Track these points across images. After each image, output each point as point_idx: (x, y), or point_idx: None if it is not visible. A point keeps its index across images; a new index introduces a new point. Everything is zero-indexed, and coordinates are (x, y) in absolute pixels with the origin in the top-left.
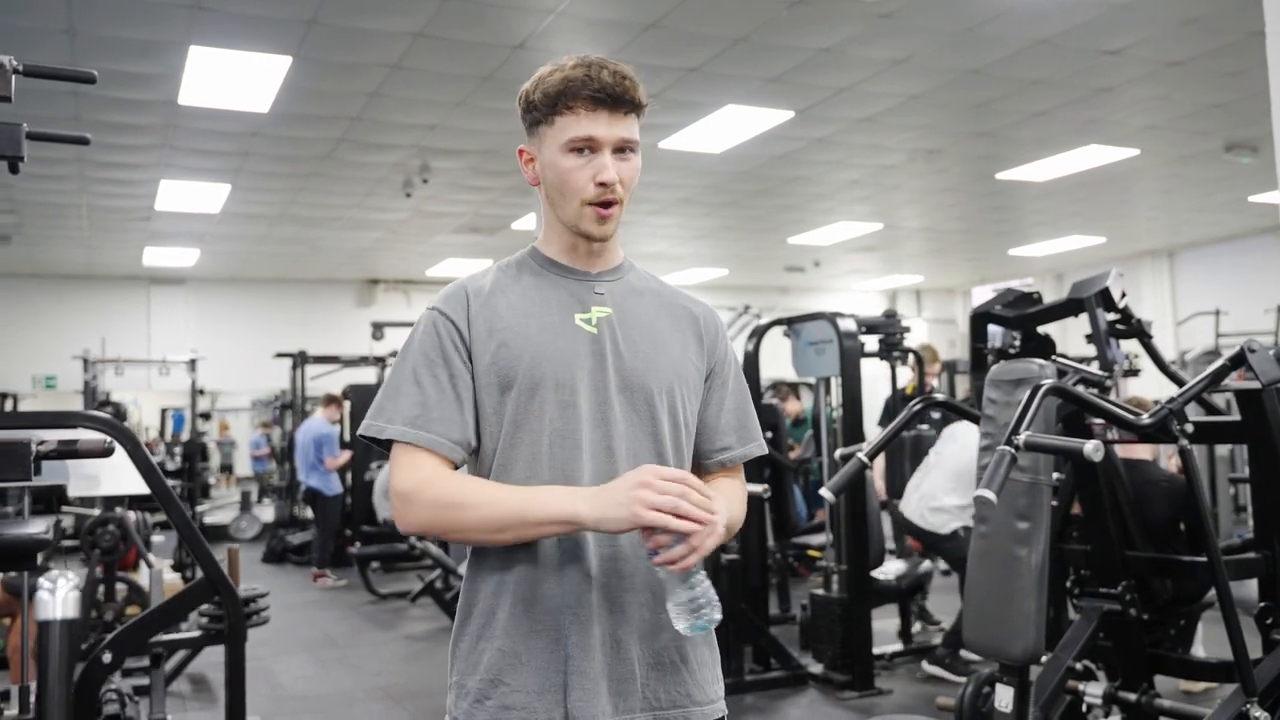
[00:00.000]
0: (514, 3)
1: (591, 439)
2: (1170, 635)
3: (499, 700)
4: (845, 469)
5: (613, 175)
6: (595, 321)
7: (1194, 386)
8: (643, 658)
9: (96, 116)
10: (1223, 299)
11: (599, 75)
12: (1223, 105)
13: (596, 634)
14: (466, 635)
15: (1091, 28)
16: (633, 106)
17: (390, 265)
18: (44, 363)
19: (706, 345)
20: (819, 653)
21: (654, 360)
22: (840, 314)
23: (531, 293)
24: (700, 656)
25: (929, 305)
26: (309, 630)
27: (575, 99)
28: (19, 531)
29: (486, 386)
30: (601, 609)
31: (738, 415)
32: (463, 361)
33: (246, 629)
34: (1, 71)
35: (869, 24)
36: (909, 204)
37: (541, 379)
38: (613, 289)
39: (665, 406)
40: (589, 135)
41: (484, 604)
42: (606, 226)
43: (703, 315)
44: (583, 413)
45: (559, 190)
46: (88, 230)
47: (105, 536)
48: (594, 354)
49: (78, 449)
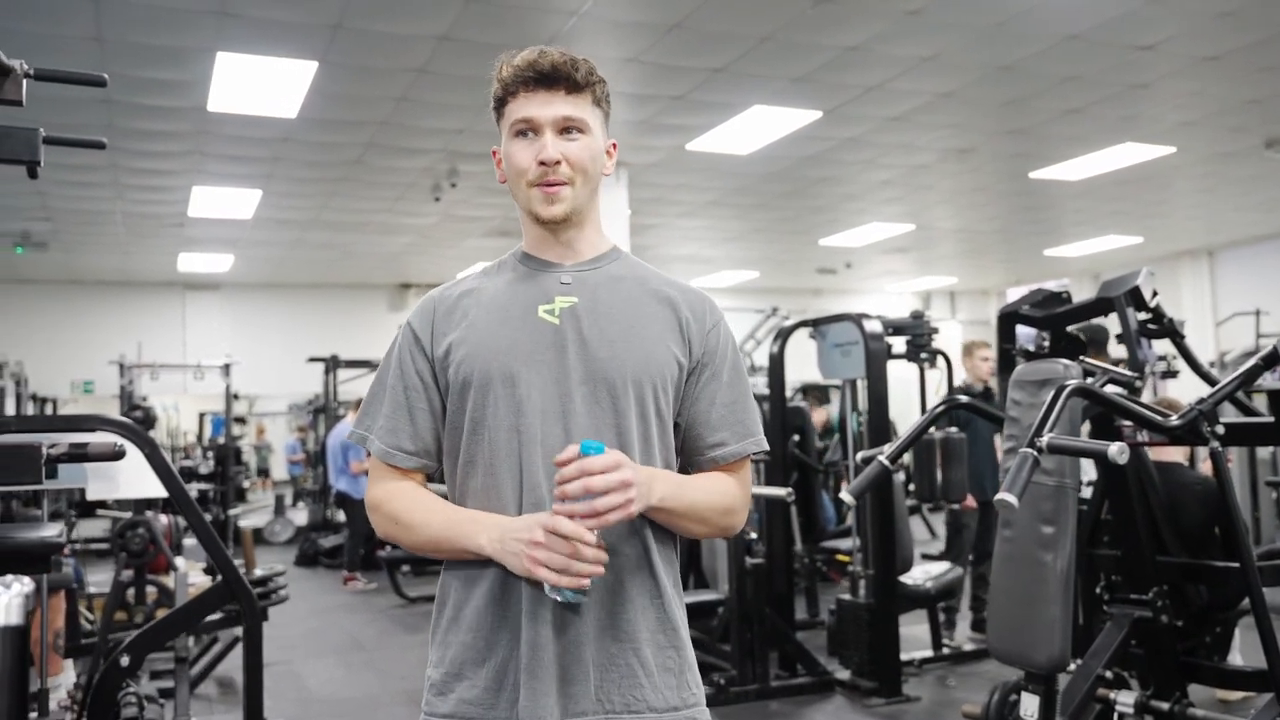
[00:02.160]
0: (537, 4)
1: (547, 433)
2: (1205, 643)
3: (459, 694)
4: (867, 472)
5: (552, 153)
6: (558, 312)
7: (1225, 387)
8: (597, 659)
9: (128, 124)
10: (1263, 299)
11: (535, 59)
12: (1260, 101)
13: (550, 634)
14: (439, 628)
15: (1124, 22)
16: (572, 85)
17: (422, 269)
18: (82, 368)
19: (693, 334)
20: (846, 659)
21: (622, 350)
22: (866, 315)
23: (503, 289)
24: (664, 662)
25: (963, 307)
26: (337, 634)
27: (515, 84)
28: (31, 535)
29: (450, 388)
30: (557, 610)
31: (732, 410)
32: (418, 373)
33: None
34: (12, 76)
35: (897, 21)
36: (941, 204)
37: (492, 375)
38: (585, 278)
39: (633, 398)
40: (526, 116)
41: (454, 598)
42: (555, 207)
43: (689, 304)
44: (536, 406)
45: (511, 178)
46: (123, 236)
47: (135, 540)
48: (554, 345)
49: (88, 452)
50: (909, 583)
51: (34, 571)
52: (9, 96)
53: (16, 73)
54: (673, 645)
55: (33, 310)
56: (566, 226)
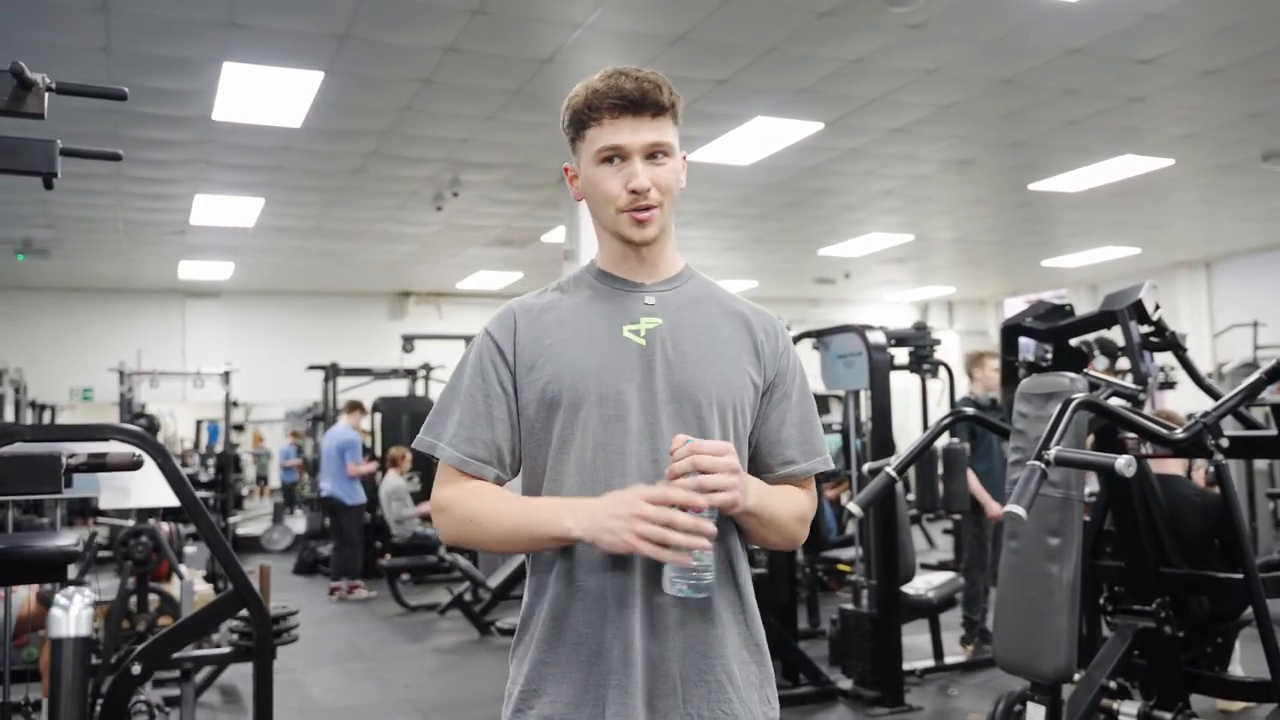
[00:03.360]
0: (543, 16)
1: (638, 452)
2: (1207, 653)
3: (539, 710)
4: (873, 483)
5: (643, 181)
6: (644, 333)
7: (1230, 400)
8: (685, 675)
9: (132, 133)
10: (1261, 310)
11: (619, 83)
12: (1260, 114)
13: (638, 649)
14: (522, 643)
15: (1125, 36)
16: (658, 109)
17: (422, 278)
18: (81, 375)
19: (766, 356)
20: (848, 668)
21: (705, 371)
22: (869, 326)
23: (583, 306)
24: (748, 676)
25: (961, 317)
26: (338, 642)
27: (599, 110)
28: (50, 544)
29: (535, 403)
30: (644, 624)
31: (801, 429)
32: (500, 383)
33: (273, 635)
34: (35, 89)
35: (899, 34)
36: (940, 215)
37: (585, 394)
38: (666, 298)
39: (716, 418)
40: (614, 144)
41: (539, 613)
42: (646, 230)
43: (762, 326)
44: (629, 426)
45: (597, 201)
46: (124, 244)
47: (138, 548)
48: (642, 366)
49: (107, 462)
50: (911, 593)
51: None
52: (31, 110)
53: (39, 87)
54: (755, 661)
55: (33, 317)
56: (651, 247)
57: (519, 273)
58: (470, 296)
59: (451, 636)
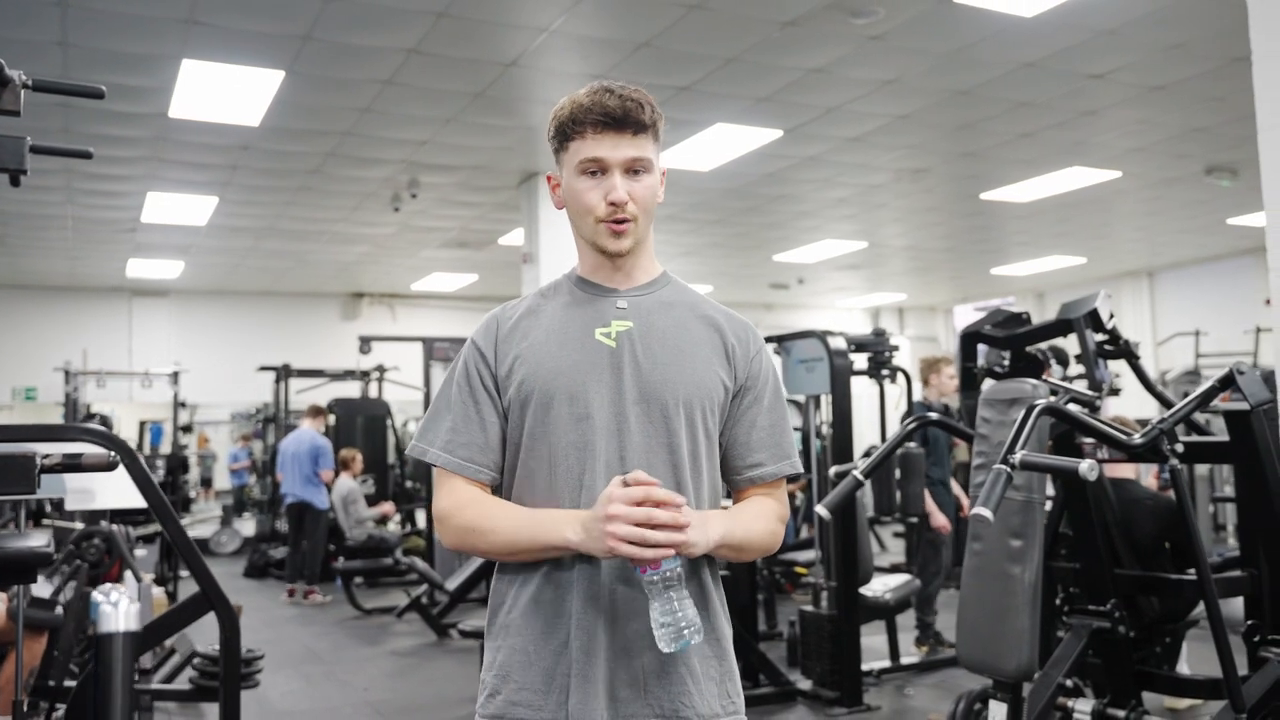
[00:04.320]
0: (507, 20)
1: (606, 449)
2: (1156, 653)
3: (507, 696)
4: (841, 486)
5: (621, 194)
6: (615, 335)
7: (1184, 407)
8: (649, 666)
9: (86, 129)
10: (1202, 319)
11: (603, 100)
12: (1204, 129)
13: (603, 640)
14: (492, 634)
15: (1078, 51)
16: (639, 127)
17: (375, 279)
18: (24, 374)
19: (737, 360)
20: (808, 669)
21: (673, 373)
22: (830, 332)
23: (560, 312)
24: (708, 671)
25: (911, 323)
26: (293, 646)
27: (583, 124)
28: (19, 544)
29: (512, 404)
30: (610, 615)
31: (771, 433)
32: (485, 388)
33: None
34: (10, 86)
35: (859, 45)
36: (894, 223)
37: (555, 392)
38: (639, 303)
39: (683, 418)
40: (595, 157)
41: (506, 605)
42: (622, 241)
43: (734, 330)
44: (597, 424)
45: (577, 211)
46: (72, 241)
47: (90, 550)
48: (611, 367)
49: (82, 463)
50: (869, 594)
51: (22, 581)
52: (7, 107)
53: (15, 83)
54: (716, 655)
55: None
56: (627, 256)
57: (474, 275)
58: (424, 298)
59: (409, 639)
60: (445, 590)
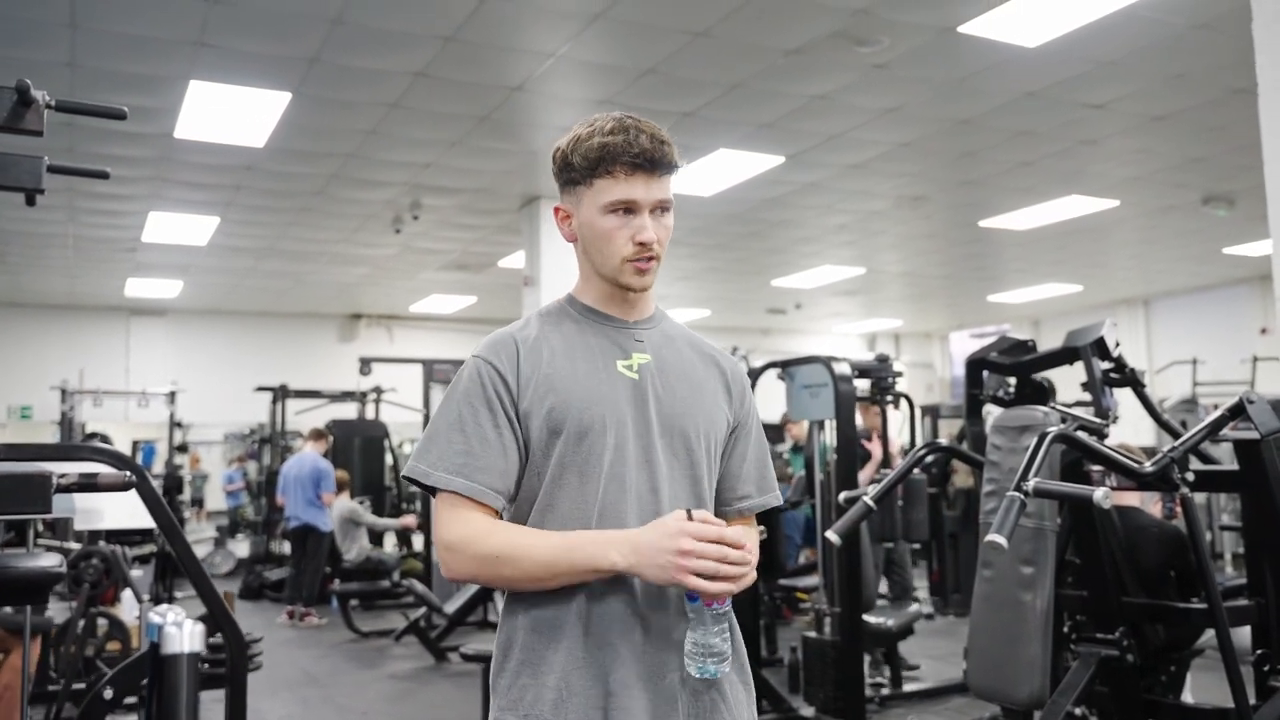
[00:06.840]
0: (513, 45)
1: (637, 480)
2: (1162, 681)
3: None
4: (851, 513)
5: (651, 236)
6: (636, 368)
7: (1194, 435)
8: (684, 687)
9: (90, 148)
10: (1198, 348)
11: (637, 140)
12: (1203, 159)
13: (640, 669)
14: (506, 670)
15: (1078, 81)
16: (669, 169)
17: (374, 300)
18: (20, 393)
19: (734, 397)
20: (810, 695)
21: (691, 406)
22: (835, 358)
23: (574, 339)
24: (737, 696)
25: (907, 349)
26: (290, 669)
27: (615, 164)
28: (31, 564)
29: (536, 430)
30: (645, 640)
31: (758, 466)
32: (505, 410)
33: (247, 661)
34: (34, 106)
35: (863, 73)
36: (892, 249)
37: (591, 423)
38: (650, 336)
39: (702, 449)
40: (628, 199)
41: (522, 639)
42: (646, 279)
43: (730, 369)
44: (628, 455)
45: (598, 248)
46: (72, 260)
47: (89, 570)
48: (635, 399)
49: (99, 483)
50: (871, 620)
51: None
52: (31, 127)
53: (39, 104)
54: (742, 682)
55: None
56: (642, 293)
57: (473, 297)
58: (422, 320)
59: (407, 663)
60: (443, 613)
